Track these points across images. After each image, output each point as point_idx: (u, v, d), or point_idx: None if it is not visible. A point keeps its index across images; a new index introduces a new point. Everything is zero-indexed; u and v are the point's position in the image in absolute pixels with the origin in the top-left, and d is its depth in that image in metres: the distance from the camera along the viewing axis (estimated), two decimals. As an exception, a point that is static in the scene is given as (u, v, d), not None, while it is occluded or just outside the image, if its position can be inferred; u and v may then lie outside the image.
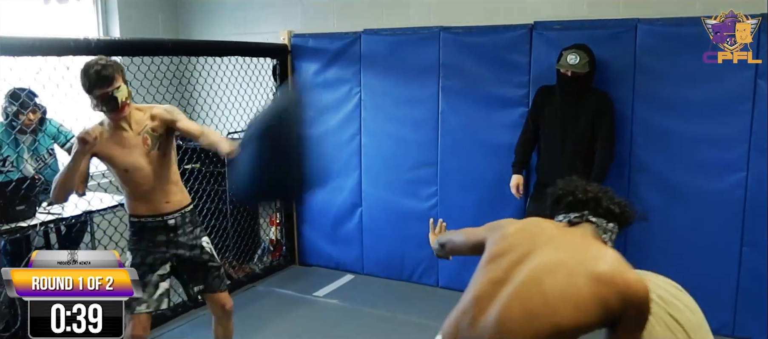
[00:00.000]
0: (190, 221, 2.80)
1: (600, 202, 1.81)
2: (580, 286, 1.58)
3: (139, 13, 4.94)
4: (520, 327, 1.58)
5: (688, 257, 3.63)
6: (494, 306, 1.64)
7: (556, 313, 1.57)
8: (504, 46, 3.94)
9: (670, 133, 3.59)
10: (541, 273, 1.63)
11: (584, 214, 1.81)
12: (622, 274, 1.61)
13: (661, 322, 1.71)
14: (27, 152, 3.75)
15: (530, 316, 1.58)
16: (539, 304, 1.59)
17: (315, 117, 2.67)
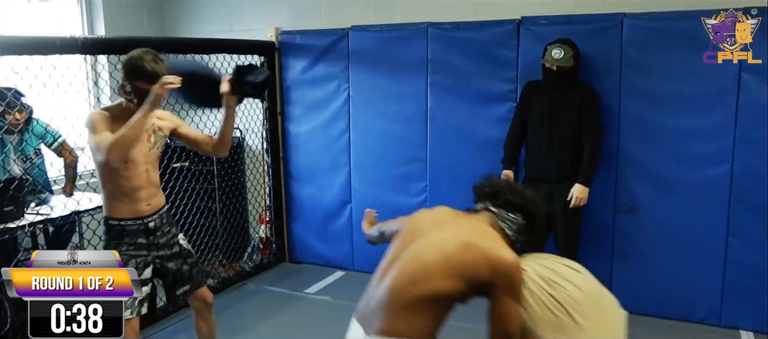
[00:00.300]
0: (167, 221, 2.76)
1: (499, 194, 2.03)
2: (451, 253, 1.82)
3: (124, 11, 4.90)
4: (403, 293, 1.82)
5: (675, 248, 3.68)
6: (387, 278, 1.90)
7: (431, 279, 1.80)
8: (492, 42, 3.96)
9: (657, 126, 3.64)
10: (424, 247, 1.88)
11: (486, 204, 2.04)
12: (489, 246, 1.83)
13: (541, 302, 1.87)
14: (13, 152, 3.71)
15: (410, 283, 1.82)
16: (418, 272, 1.83)
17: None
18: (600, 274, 3.91)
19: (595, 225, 3.82)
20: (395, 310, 1.82)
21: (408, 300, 1.81)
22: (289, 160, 4.82)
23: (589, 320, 1.89)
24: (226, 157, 3.07)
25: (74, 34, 3.91)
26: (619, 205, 3.79)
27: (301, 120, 4.69)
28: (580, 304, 1.89)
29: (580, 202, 3.54)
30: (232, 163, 4.82)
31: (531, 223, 2.03)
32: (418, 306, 1.80)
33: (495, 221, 2.00)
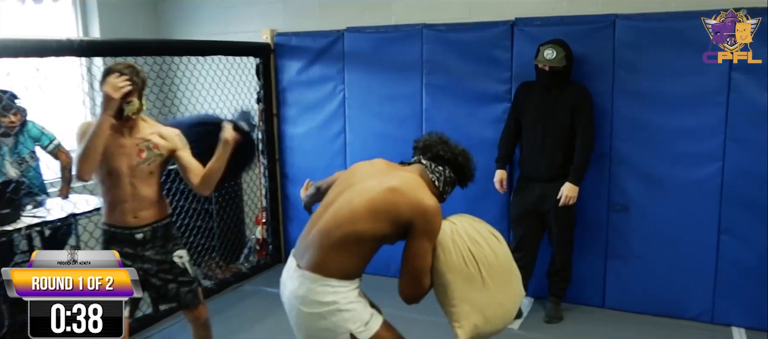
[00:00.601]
0: (162, 235, 2.69)
1: (431, 148, 2.21)
2: (376, 197, 2.01)
3: (118, 13, 4.90)
4: (331, 233, 2.03)
5: (667, 246, 3.72)
6: (321, 221, 2.10)
7: (357, 221, 2.01)
8: (486, 43, 3.99)
9: (649, 125, 3.67)
10: (354, 193, 2.08)
11: (419, 157, 2.22)
12: (412, 191, 2.03)
13: (459, 252, 2.07)
14: (9, 155, 3.72)
15: (339, 225, 2.03)
16: (347, 215, 2.03)
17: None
18: (594, 272, 4.00)
19: (589, 224, 3.85)
20: (324, 248, 2.03)
21: (335, 239, 2.02)
22: (285, 162, 4.84)
23: (494, 283, 2.10)
24: (208, 195, 3.03)
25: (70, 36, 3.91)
26: (613, 204, 3.82)
27: (297, 121, 4.71)
28: (492, 266, 2.10)
29: (569, 200, 3.57)
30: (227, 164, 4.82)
31: (460, 177, 2.23)
32: (344, 245, 2.02)
33: (425, 172, 2.17)
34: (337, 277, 2.02)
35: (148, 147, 2.61)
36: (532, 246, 3.78)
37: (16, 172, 3.72)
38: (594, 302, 3.96)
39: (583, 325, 3.77)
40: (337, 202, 2.11)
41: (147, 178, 2.61)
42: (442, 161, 2.19)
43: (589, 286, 3.94)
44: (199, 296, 2.83)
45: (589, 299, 3.97)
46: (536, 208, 3.70)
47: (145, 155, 2.60)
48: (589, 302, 3.97)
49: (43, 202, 3.75)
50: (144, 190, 2.61)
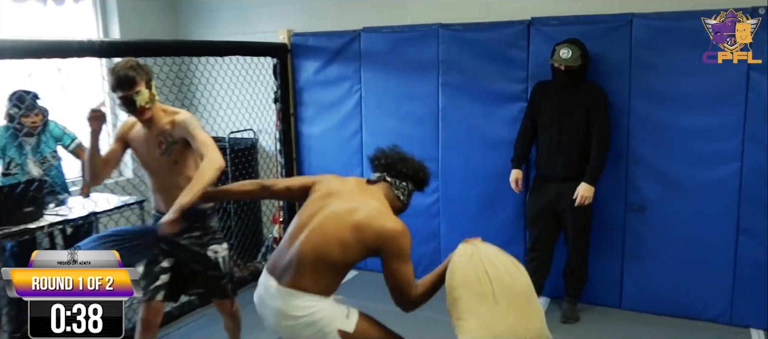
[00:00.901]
0: (200, 227, 2.80)
1: (393, 166, 2.40)
2: (344, 232, 2.18)
3: (138, 14, 4.97)
4: (308, 257, 2.18)
5: (685, 247, 3.69)
6: (298, 241, 2.24)
7: (331, 251, 2.18)
8: (502, 42, 3.99)
9: (667, 125, 3.65)
10: (328, 220, 2.22)
11: (383, 175, 2.40)
12: (375, 221, 2.18)
13: (475, 270, 2.16)
14: (31, 154, 3.79)
15: (314, 251, 2.18)
16: (321, 242, 2.19)
17: None
18: (610, 272, 3.98)
19: (606, 224, 3.84)
20: (302, 270, 2.19)
21: (312, 263, 2.18)
22: (302, 161, 4.87)
23: (507, 304, 2.14)
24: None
25: (91, 37, 3.98)
26: (629, 205, 3.81)
27: (314, 121, 4.74)
28: (506, 288, 2.15)
29: (585, 200, 3.56)
30: (246, 164, 4.87)
31: (421, 187, 2.45)
32: (321, 269, 2.18)
33: (390, 190, 2.37)
34: (318, 294, 2.19)
35: (165, 138, 2.69)
36: (548, 246, 3.77)
37: (38, 171, 3.79)
38: (610, 303, 3.94)
39: (599, 325, 3.75)
40: (311, 224, 2.25)
41: (173, 167, 2.70)
42: (404, 177, 2.39)
43: (605, 286, 3.93)
44: (227, 292, 2.93)
45: (606, 300, 3.95)
46: (552, 208, 3.70)
47: (164, 147, 2.69)
48: (605, 303, 3.95)
49: (65, 201, 3.82)
50: (172, 179, 2.70)
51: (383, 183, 2.39)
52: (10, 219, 3.23)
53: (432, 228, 4.39)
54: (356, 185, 2.39)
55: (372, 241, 2.18)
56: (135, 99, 2.57)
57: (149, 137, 2.70)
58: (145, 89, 2.59)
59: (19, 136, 3.65)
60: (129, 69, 2.57)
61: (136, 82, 2.56)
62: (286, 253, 2.25)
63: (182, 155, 2.72)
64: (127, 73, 2.55)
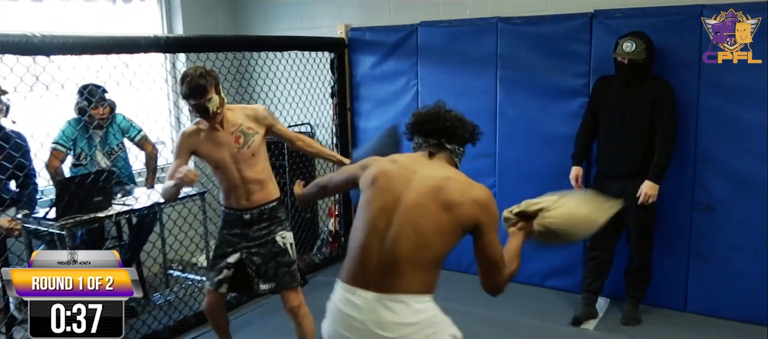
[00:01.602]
0: (268, 217, 2.91)
1: (455, 131, 2.14)
2: (442, 219, 1.95)
3: (200, 11, 5.10)
4: (410, 259, 1.94)
5: (755, 249, 3.53)
6: (387, 246, 1.96)
7: (432, 245, 1.95)
8: (563, 36, 3.90)
9: (738, 121, 3.49)
10: (417, 216, 1.97)
11: (442, 141, 2.13)
12: (465, 195, 1.96)
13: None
14: (100, 146, 3.93)
15: (415, 252, 1.94)
16: (418, 241, 1.94)
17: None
18: (675, 274, 3.85)
19: (671, 223, 3.70)
20: (404, 271, 1.94)
21: (413, 261, 1.94)
22: (357, 155, 4.89)
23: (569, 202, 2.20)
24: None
25: (157, 33, 4.10)
26: (697, 204, 3.66)
27: (371, 116, 4.75)
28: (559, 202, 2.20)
29: (648, 199, 3.45)
30: (302, 157, 4.93)
31: (474, 143, 2.23)
32: (423, 264, 1.95)
33: (451, 157, 2.14)
34: (427, 293, 1.97)
35: (243, 132, 2.82)
36: (609, 245, 3.67)
37: (106, 162, 3.93)
38: (675, 305, 3.81)
39: (662, 328, 3.63)
40: (395, 219, 1.99)
41: (250, 160, 2.82)
42: (464, 142, 2.16)
43: (669, 288, 3.80)
44: (296, 278, 2.98)
45: (670, 302, 3.82)
46: (614, 206, 3.59)
47: (242, 140, 2.81)
48: (669, 305, 3.82)
49: (132, 191, 3.95)
50: (251, 173, 2.83)
51: (445, 153, 2.13)
52: (81, 207, 3.35)
53: (488, 224, 4.33)
54: (418, 162, 2.10)
55: (468, 218, 1.94)
56: (207, 106, 2.69)
57: (224, 136, 2.80)
58: (215, 95, 2.70)
59: (90, 128, 3.79)
60: (199, 77, 2.66)
61: (207, 89, 2.67)
62: (372, 257, 1.97)
63: (259, 149, 2.87)
64: (198, 81, 2.65)
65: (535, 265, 4.16)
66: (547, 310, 3.82)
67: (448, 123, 2.14)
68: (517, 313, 3.78)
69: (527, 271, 4.19)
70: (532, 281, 4.19)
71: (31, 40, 2.74)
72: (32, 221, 3.42)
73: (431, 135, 2.15)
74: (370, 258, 1.97)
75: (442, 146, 2.14)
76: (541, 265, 4.18)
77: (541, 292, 4.13)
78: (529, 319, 3.71)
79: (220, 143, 2.80)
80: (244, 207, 2.86)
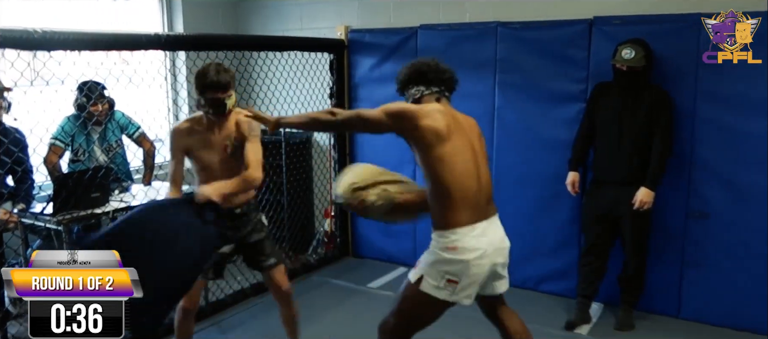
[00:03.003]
0: (253, 208, 3.01)
1: (453, 83, 2.56)
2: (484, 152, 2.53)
3: (201, 9, 5.11)
4: (490, 191, 2.48)
5: (750, 257, 3.55)
6: (482, 185, 2.41)
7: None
8: (562, 41, 3.92)
9: (735, 130, 3.51)
10: (482, 157, 2.50)
11: (442, 89, 2.51)
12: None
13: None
14: (98, 142, 3.94)
15: (490, 186, 2.48)
16: (488, 175, 2.48)
17: None
18: (669, 280, 3.87)
19: (665, 230, 3.72)
20: (491, 199, 2.48)
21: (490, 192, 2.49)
22: (355, 157, 4.90)
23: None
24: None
25: (157, 31, 4.10)
26: (691, 211, 3.68)
27: (368, 117, 4.76)
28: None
29: (644, 206, 3.47)
30: (300, 158, 4.95)
31: None
32: None
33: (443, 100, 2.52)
34: None
35: (231, 141, 2.80)
36: (604, 251, 3.69)
37: (104, 158, 3.94)
38: (668, 312, 3.83)
39: (655, 334, 3.65)
40: (480, 166, 2.43)
41: (234, 167, 2.78)
42: (452, 90, 2.58)
43: (663, 294, 3.82)
44: (280, 255, 3.11)
45: (664, 308, 3.84)
46: (609, 212, 3.61)
47: (229, 149, 2.81)
48: (663, 311, 3.84)
49: (129, 188, 3.96)
50: (233, 177, 2.78)
51: (446, 97, 2.55)
52: (78, 203, 3.35)
53: (484, 228, 4.35)
54: (448, 108, 2.48)
55: None
56: (226, 102, 2.70)
57: (216, 140, 2.80)
58: (234, 92, 2.74)
59: (89, 124, 3.80)
60: (224, 72, 2.68)
61: (229, 85, 2.69)
62: (481, 195, 2.38)
63: (241, 153, 2.81)
64: (223, 77, 2.67)
65: (530, 270, 4.18)
66: (542, 314, 3.83)
67: (446, 74, 2.51)
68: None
69: (522, 276, 4.22)
70: (527, 285, 4.20)
71: (33, 36, 2.74)
72: (29, 216, 3.42)
73: (435, 84, 2.49)
74: (480, 196, 2.37)
75: (443, 93, 2.50)
76: (536, 269, 4.20)
77: (535, 296, 4.15)
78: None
79: (211, 147, 2.80)
80: (232, 205, 2.83)
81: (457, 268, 2.29)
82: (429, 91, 2.48)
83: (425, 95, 2.48)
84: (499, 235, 2.45)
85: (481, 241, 2.32)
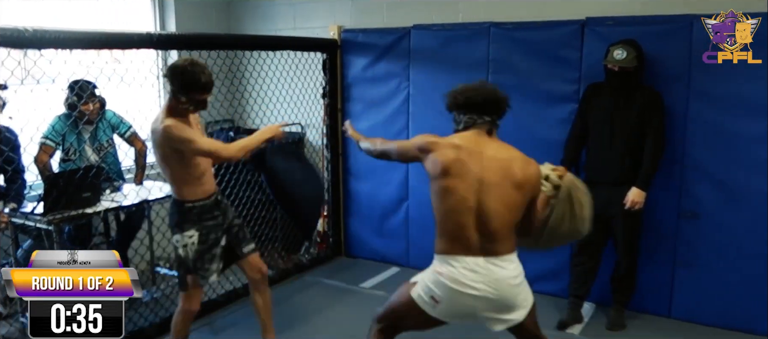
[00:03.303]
0: (222, 194, 3.20)
1: (505, 109, 2.48)
2: (515, 196, 2.33)
3: (193, 9, 5.08)
4: (501, 230, 2.32)
5: (740, 257, 3.57)
6: (480, 223, 2.31)
7: (512, 217, 2.35)
8: (555, 42, 3.93)
9: (726, 131, 3.53)
10: (497, 194, 2.31)
11: (494, 118, 2.46)
12: (525, 172, 2.36)
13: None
14: (89, 142, 3.91)
15: (503, 224, 2.32)
16: (505, 214, 2.32)
17: None
18: (660, 280, 3.89)
19: (657, 230, 3.74)
20: (504, 236, 2.34)
21: (507, 231, 2.36)
22: (347, 157, 4.90)
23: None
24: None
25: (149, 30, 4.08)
26: (683, 211, 3.70)
27: (361, 117, 4.75)
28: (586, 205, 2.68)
29: (635, 205, 3.48)
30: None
31: None
32: (510, 233, 2.37)
33: (495, 132, 2.47)
34: (514, 252, 2.41)
35: (203, 125, 3.09)
36: (596, 251, 3.70)
37: (96, 157, 3.91)
38: (659, 311, 3.85)
39: (647, 334, 3.67)
40: (483, 203, 2.32)
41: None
42: (502, 117, 2.50)
43: (654, 294, 3.83)
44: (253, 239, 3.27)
45: (655, 308, 3.85)
46: (601, 213, 3.60)
47: (204, 133, 3.07)
48: (654, 311, 3.86)
49: (120, 187, 3.94)
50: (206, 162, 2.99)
51: (494, 128, 2.47)
52: (69, 203, 3.34)
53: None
54: (479, 141, 2.39)
55: (530, 194, 2.39)
56: (205, 103, 2.84)
57: (197, 131, 2.95)
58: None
59: (80, 123, 3.77)
60: (209, 75, 2.79)
61: (212, 86, 2.84)
62: (472, 232, 2.31)
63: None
64: (210, 78, 2.80)
65: (523, 269, 4.18)
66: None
67: (502, 103, 2.45)
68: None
69: (515, 275, 4.23)
70: (520, 285, 4.21)
71: (23, 34, 2.72)
72: (19, 216, 3.40)
73: (488, 113, 2.43)
74: (472, 233, 2.30)
75: (495, 123, 2.45)
76: (529, 269, 4.16)
77: (528, 296, 4.15)
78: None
79: (198, 133, 2.95)
80: (213, 191, 3.01)
81: (441, 290, 2.34)
82: (481, 120, 2.45)
83: (478, 124, 2.45)
84: (500, 279, 2.33)
85: (468, 276, 2.30)
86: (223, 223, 3.03)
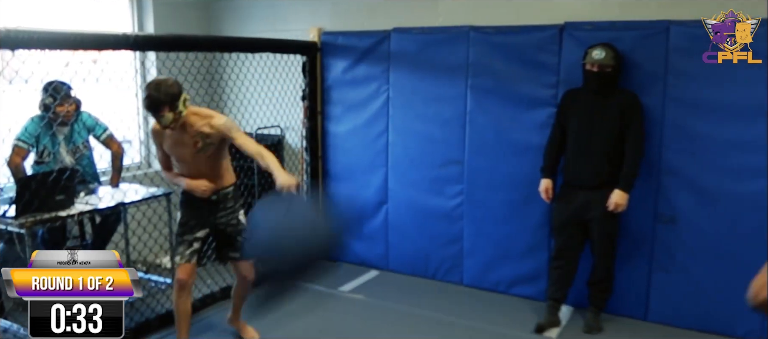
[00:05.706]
0: (232, 198, 3.25)
1: None
2: None
3: (172, 10, 5.03)
4: None
5: (716, 261, 3.61)
6: None
7: None
8: (533, 46, 3.94)
9: (702, 136, 3.57)
10: None
11: None
12: None
13: None
14: (64, 144, 3.85)
15: None
16: None
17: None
18: (637, 284, 3.92)
19: (633, 234, 3.77)
20: None
21: None
22: (327, 159, 4.88)
23: None
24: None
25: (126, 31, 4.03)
26: (659, 215, 3.73)
27: (341, 120, 4.75)
28: None
29: (618, 208, 3.50)
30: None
31: None
32: None
33: None
34: None
35: (202, 138, 3.06)
36: (574, 255, 3.72)
37: (70, 159, 3.85)
38: (636, 315, 3.87)
39: (623, 337, 3.69)
40: None
41: (207, 161, 3.11)
42: None
43: (631, 297, 3.86)
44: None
45: (631, 311, 3.88)
46: (579, 216, 3.64)
47: (200, 145, 3.07)
48: (630, 314, 3.88)
49: (96, 190, 3.88)
50: (206, 170, 3.13)
51: None
52: (42, 206, 3.28)
53: (455, 231, 4.36)
54: None
55: None
56: (161, 121, 2.96)
57: (184, 138, 3.06)
58: (168, 113, 2.91)
59: (54, 125, 3.71)
60: (157, 93, 2.88)
61: (160, 107, 2.90)
62: None
63: (217, 150, 3.12)
64: (155, 98, 2.88)
65: (501, 273, 4.21)
66: (512, 316, 3.85)
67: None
68: (481, 319, 3.81)
69: (493, 279, 4.24)
70: (498, 289, 4.22)
71: (-5, 34, 2.67)
72: (-9, 219, 3.33)
73: None
74: None
75: None
76: (507, 272, 4.22)
77: (506, 299, 4.17)
78: (492, 326, 3.74)
79: (182, 143, 3.07)
80: (213, 191, 3.16)
81: None
82: None
83: None
84: None
85: None
86: (207, 219, 3.18)
